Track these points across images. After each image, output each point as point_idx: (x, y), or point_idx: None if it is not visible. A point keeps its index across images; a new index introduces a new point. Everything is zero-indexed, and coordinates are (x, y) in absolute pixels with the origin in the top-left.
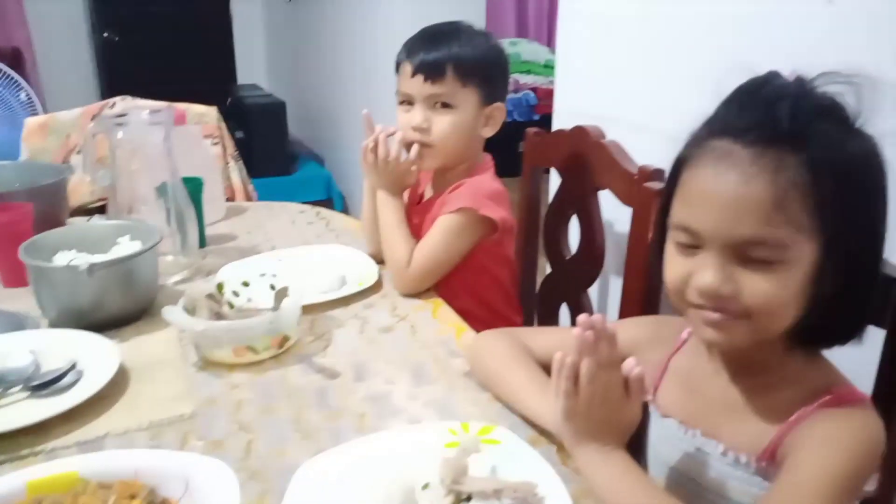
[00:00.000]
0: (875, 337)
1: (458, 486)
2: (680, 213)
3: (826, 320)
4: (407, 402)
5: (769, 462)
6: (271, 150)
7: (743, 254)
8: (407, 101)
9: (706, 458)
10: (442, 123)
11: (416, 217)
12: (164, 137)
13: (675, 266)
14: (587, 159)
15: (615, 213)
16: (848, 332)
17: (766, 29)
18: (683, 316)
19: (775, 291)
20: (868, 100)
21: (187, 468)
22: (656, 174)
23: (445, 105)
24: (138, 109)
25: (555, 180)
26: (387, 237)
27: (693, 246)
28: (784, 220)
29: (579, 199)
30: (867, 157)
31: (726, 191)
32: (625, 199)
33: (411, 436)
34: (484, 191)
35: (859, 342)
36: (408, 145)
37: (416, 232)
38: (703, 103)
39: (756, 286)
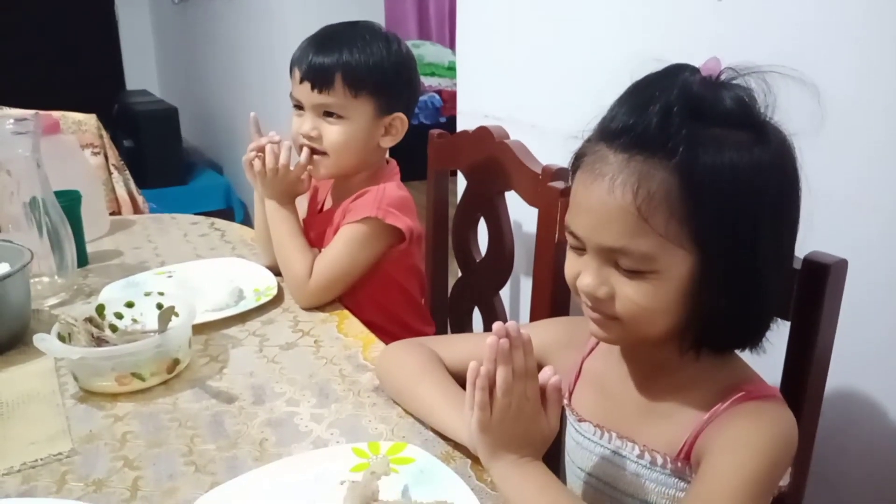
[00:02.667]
0: (783, 329)
1: None
2: (568, 215)
3: (711, 328)
4: (311, 423)
5: (685, 462)
6: (164, 158)
7: (614, 260)
8: (298, 107)
9: (623, 460)
10: (332, 134)
11: (316, 227)
12: (31, 148)
13: (569, 264)
14: (492, 160)
15: (523, 214)
16: (740, 339)
17: (667, 27)
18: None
19: (642, 301)
20: (781, 96)
21: None
22: (560, 173)
23: (335, 115)
24: (3, 119)
25: (462, 183)
26: (281, 250)
27: (580, 248)
28: (649, 230)
29: (486, 201)
30: (756, 162)
31: (595, 198)
32: (530, 199)
33: (316, 461)
34: (389, 199)
35: (759, 347)
36: (299, 150)
37: (317, 243)
38: (604, 101)
39: (625, 293)
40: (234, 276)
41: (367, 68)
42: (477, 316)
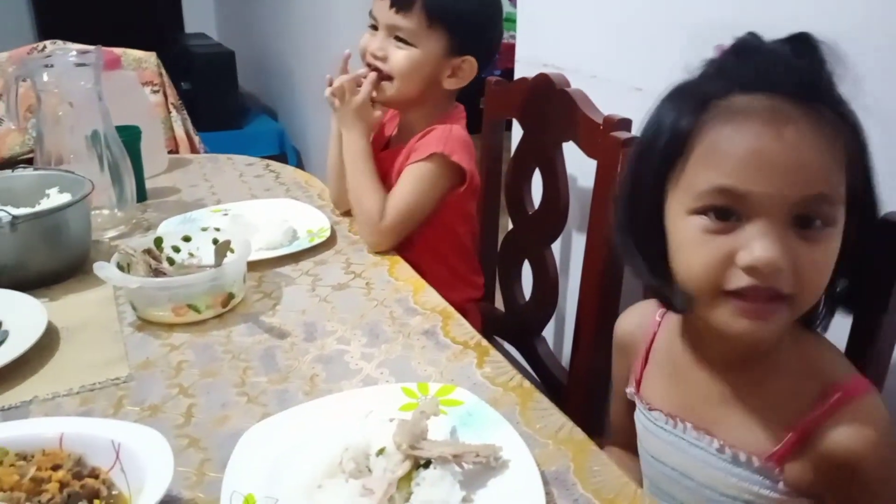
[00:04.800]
0: None
1: (416, 451)
2: (716, 176)
3: (835, 300)
4: (361, 362)
5: (777, 465)
6: (220, 102)
7: (799, 218)
8: (373, 26)
9: (700, 452)
10: (398, 57)
11: (380, 166)
12: (93, 81)
13: (707, 249)
14: (551, 109)
15: (579, 168)
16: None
17: None
18: (701, 309)
19: (825, 266)
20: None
21: (118, 435)
22: (623, 124)
23: (405, 41)
24: (65, 51)
25: (517, 134)
26: (355, 187)
27: (730, 217)
28: (837, 175)
29: (542, 151)
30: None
31: (784, 146)
32: (589, 150)
33: (365, 398)
34: (455, 138)
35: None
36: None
37: (383, 181)
38: (669, 54)
39: (809, 258)
40: (288, 216)
41: (452, 1)
42: (526, 269)
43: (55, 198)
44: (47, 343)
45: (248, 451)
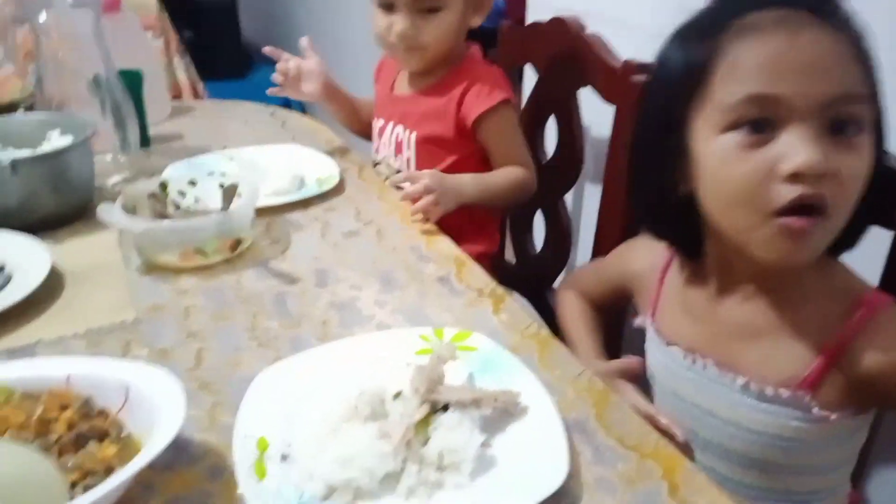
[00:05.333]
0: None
1: (434, 396)
2: (744, 86)
3: (863, 217)
4: (374, 308)
5: (807, 392)
6: (223, 50)
7: (831, 123)
8: (385, 6)
9: (723, 389)
10: (431, 28)
11: (408, 108)
12: (93, 23)
13: (746, 165)
14: (567, 54)
15: (594, 116)
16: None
17: None
18: (741, 235)
19: (861, 169)
20: None
21: (127, 376)
22: (643, 68)
23: (432, 8)
24: None
25: (529, 82)
26: (503, 200)
27: (764, 129)
28: (858, 75)
29: (557, 98)
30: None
31: (806, 48)
32: (608, 95)
33: (379, 343)
34: (503, 78)
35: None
36: (389, 49)
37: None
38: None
39: (846, 165)
40: (296, 163)
41: None
42: (539, 219)
43: (57, 140)
44: (52, 286)
45: (260, 395)
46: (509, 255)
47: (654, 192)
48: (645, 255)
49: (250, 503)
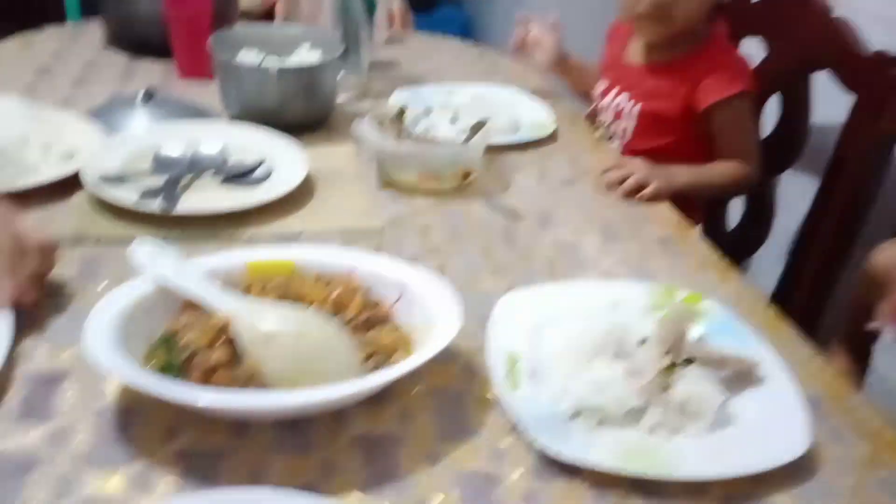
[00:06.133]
0: None
1: (679, 348)
2: None
3: None
4: (599, 256)
5: None
6: None
7: None
8: None
9: None
10: (685, 2)
11: (624, 76)
12: None
13: None
14: (808, 34)
15: (822, 101)
16: None
17: None
18: None
19: None
20: None
21: (402, 275)
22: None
23: None
24: None
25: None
26: (719, 191)
27: None
28: None
29: (787, 76)
30: None
31: None
32: (851, 83)
33: (611, 290)
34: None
35: None
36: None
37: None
38: None
39: None
40: (511, 106)
41: None
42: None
43: (305, 52)
44: (307, 185)
45: (506, 315)
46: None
47: None
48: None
49: (505, 406)
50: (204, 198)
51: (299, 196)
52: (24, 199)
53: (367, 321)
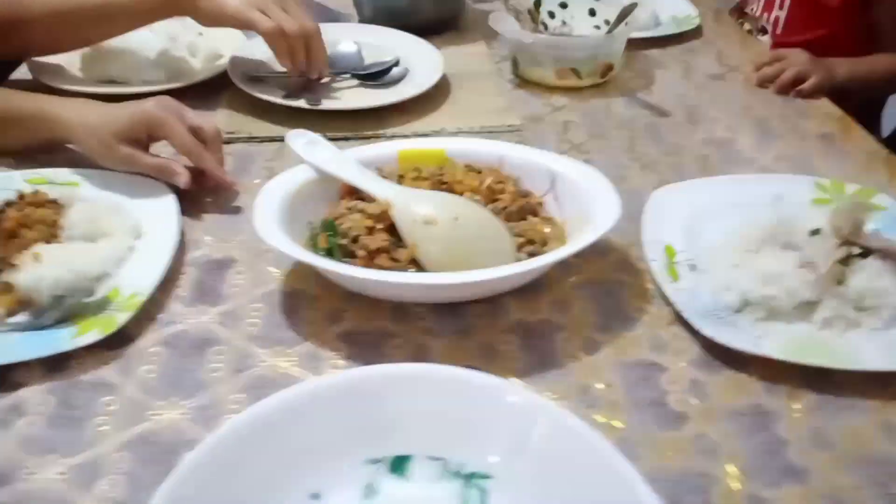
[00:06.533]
0: None
1: (855, 239)
2: None
3: None
4: (754, 152)
5: None
6: None
7: None
8: None
9: None
10: None
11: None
12: None
13: None
14: None
15: None
16: None
17: None
18: None
19: None
20: None
21: (553, 165)
22: None
23: None
24: None
25: None
26: (874, 83)
27: None
28: None
29: None
30: None
31: None
32: None
33: (772, 183)
34: None
35: None
36: None
37: None
38: None
39: None
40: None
41: None
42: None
43: None
44: (442, 85)
45: (661, 208)
46: None
47: None
48: None
49: (668, 296)
50: (344, 96)
51: (435, 95)
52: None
53: (520, 210)
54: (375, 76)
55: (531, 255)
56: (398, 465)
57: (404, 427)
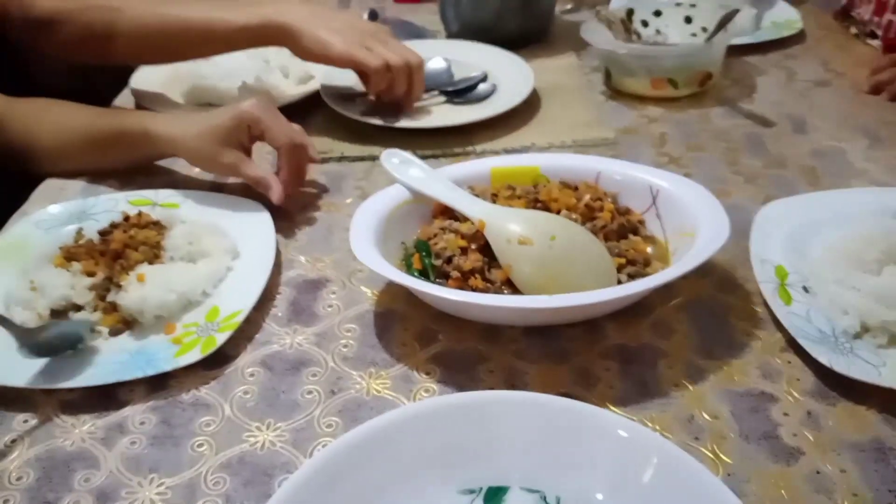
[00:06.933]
0: None
1: None
2: None
3: None
4: (865, 164)
5: None
6: None
7: None
8: None
9: None
10: None
11: None
12: None
13: None
14: None
15: None
16: None
17: None
18: None
19: None
20: None
21: (654, 180)
22: None
23: None
24: None
25: None
26: None
27: None
28: None
29: None
30: None
31: None
32: None
33: (891, 197)
34: None
35: None
36: None
37: None
38: None
39: None
40: (750, 3)
41: None
42: None
43: None
44: (532, 98)
45: (770, 225)
46: None
47: None
48: None
49: (782, 321)
50: (433, 114)
51: (525, 110)
52: None
53: (620, 229)
54: (462, 92)
55: (632, 276)
56: (493, 496)
57: (501, 457)
